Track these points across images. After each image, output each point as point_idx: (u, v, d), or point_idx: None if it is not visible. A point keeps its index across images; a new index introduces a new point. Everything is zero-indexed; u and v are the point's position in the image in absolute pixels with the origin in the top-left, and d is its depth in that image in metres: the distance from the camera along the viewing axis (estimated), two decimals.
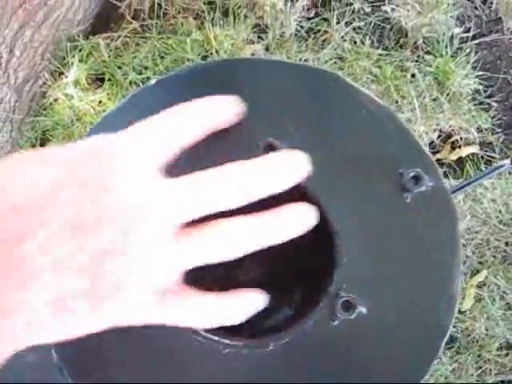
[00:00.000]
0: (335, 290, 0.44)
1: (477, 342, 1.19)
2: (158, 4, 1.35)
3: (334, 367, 0.43)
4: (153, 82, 0.52)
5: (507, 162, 0.70)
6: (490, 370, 1.19)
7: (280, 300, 0.72)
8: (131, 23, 1.36)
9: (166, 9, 1.35)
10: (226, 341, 0.44)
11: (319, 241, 0.49)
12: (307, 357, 0.43)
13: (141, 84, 1.27)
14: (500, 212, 1.24)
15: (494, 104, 1.33)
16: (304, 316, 0.44)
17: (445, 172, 1.30)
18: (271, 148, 0.47)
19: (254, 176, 0.34)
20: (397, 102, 1.27)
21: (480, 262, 1.22)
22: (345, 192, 0.47)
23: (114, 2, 1.38)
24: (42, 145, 1.30)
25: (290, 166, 0.36)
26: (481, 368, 1.18)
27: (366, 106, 0.49)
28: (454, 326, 1.20)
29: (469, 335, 1.19)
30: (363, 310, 0.43)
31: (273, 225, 0.35)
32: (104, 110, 1.27)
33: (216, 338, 0.44)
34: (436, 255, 0.46)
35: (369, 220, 0.46)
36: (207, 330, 0.44)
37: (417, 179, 0.46)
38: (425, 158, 0.47)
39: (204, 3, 1.35)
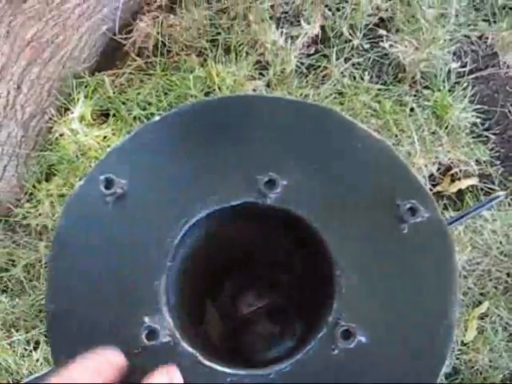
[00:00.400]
0: (335, 320, 0.45)
1: (480, 373, 1.18)
2: (162, 42, 1.39)
3: None
4: (157, 118, 0.54)
5: (502, 193, 0.72)
6: None
7: (282, 332, 0.73)
8: (135, 60, 1.39)
9: (169, 46, 1.39)
10: (228, 370, 0.45)
11: (320, 272, 0.51)
12: (310, 381, 0.43)
13: (145, 120, 1.29)
14: (501, 243, 1.25)
15: (492, 136, 1.35)
16: (305, 345, 0.45)
17: (445, 204, 1.31)
18: (271, 182, 0.49)
19: None
20: (396, 136, 1.29)
21: (481, 294, 1.23)
22: (344, 224, 0.48)
23: (119, 40, 1.42)
24: (47, 179, 1.32)
25: None
26: None
27: (363, 140, 0.51)
28: (457, 358, 1.19)
29: (472, 367, 1.19)
30: (363, 339, 0.44)
31: None
32: (109, 145, 1.29)
33: (219, 368, 0.45)
34: (433, 285, 0.47)
35: (367, 251, 0.48)
36: (210, 359, 0.45)
37: (413, 210, 0.47)
38: (421, 190, 0.49)
39: (206, 41, 1.38)
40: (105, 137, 1.30)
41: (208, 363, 0.45)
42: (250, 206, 0.50)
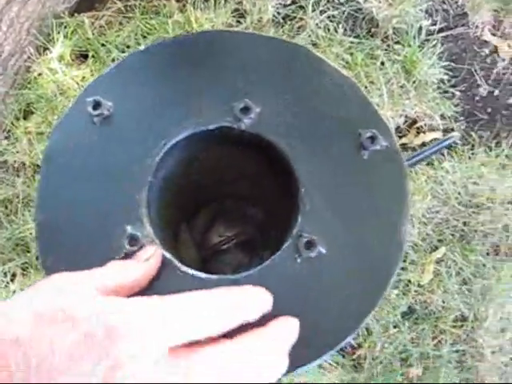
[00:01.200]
0: (299, 233, 0.50)
1: (434, 313, 1.27)
2: None
3: (297, 301, 0.49)
4: (142, 48, 0.58)
5: (457, 134, 0.77)
6: (446, 340, 1.27)
7: (249, 262, 0.79)
8: (115, 3, 1.40)
9: None
10: (202, 275, 0.50)
11: (286, 193, 0.56)
12: (274, 286, 0.48)
13: None
14: (459, 194, 1.32)
15: (458, 93, 1.41)
16: (272, 254, 0.51)
17: (409, 156, 1.37)
18: (246, 108, 0.54)
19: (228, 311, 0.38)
20: (366, 88, 1.34)
21: (439, 240, 1.30)
22: (310, 149, 0.54)
23: None
24: (25, 117, 1.34)
25: (259, 301, 0.42)
26: (437, 338, 1.27)
27: (331, 75, 0.56)
28: (413, 298, 1.28)
29: (426, 307, 1.28)
30: (322, 249, 0.50)
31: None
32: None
33: (193, 273, 0.50)
34: (387, 206, 0.52)
35: (330, 173, 0.53)
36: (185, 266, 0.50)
37: (373, 139, 0.53)
38: (380, 122, 0.55)
39: None
40: (83, 77, 1.32)
41: (184, 268, 0.50)
42: (226, 130, 0.55)
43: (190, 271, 0.50)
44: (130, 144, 0.54)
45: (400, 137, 1.38)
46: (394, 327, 1.25)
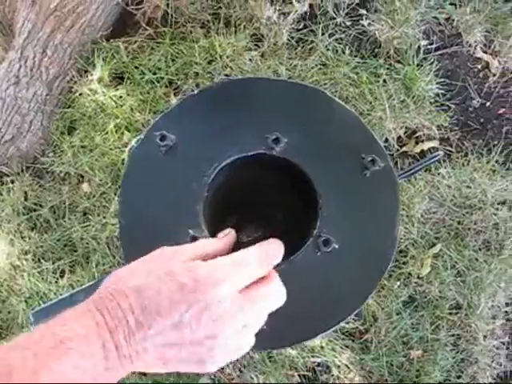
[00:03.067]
0: (318, 233, 0.68)
1: (432, 302, 1.44)
2: (170, 14, 1.57)
3: (318, 283, 0.66)
4: (195, 92, 0.76)
5: (441, 152, 0.94)
6: (443, 325, 1.44)
7: None
8: (146, 29, 1.58)
9: (176, 18, 1.57)
10: None
11: (306, 202, 0.73)
12: (300, 273, 0.65)
13: (156, 82, 1.49)
14: (454, 196, 1.49)
15: (453, 106, 1.57)
16: (297, 250, 0.68)
17: (409, 162, 1.54)
18: (277, 139, 0.71)
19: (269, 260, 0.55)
20: (370, 103, 1.51)
21: (436, 238, 1.47)
22: (325, 169, 0.71)
23: (131, 10, 1.60)
24: (69, 133, 1.52)
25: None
26: (434, 324, 1.44)
27: (339, 111, 0.74)
28: (413, 289, 1.44)
29: (425, 297, 1.44)
30: (336, 245, 0.67)
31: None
32: (123, 105, 1.49)
33: None
34: (384, 211, 0.70)
35: (341, 187, 0.71)
36: None
37: (373, 161, 0.70)
38: (379, 148, 0.72)
39: (209, 14, 1.57)
40: (120, 96, 1.49)
41: None
42: (261, 156, 0.72)
43: None
44: (189, 167, 0.71)
45: (401, 146, 1.55)
46: (397, 314, 1.42)
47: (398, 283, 1.44)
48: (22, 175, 1.48)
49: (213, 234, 0.76)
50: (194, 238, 0.67)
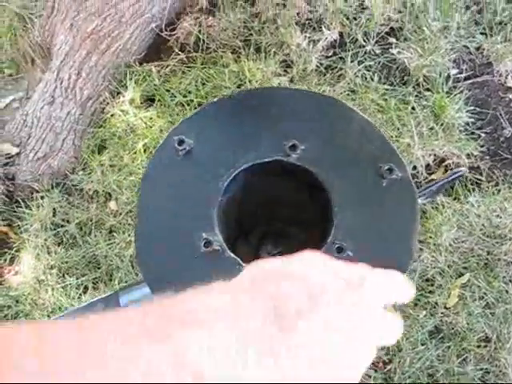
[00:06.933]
0: (332, 240, 0.67)
1: (459, 334, 1.39)
2: (202, 40, 1.61)
3: None
4: (215, 100, 0.77)
5: (464, 169, 0.92)
6: (470, 358, 1.39)
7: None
8: (178, 54, 1.62)
9: (208, 44, 1.61)
10: None
11: (321, 209, 0.73)
12: None
13: (186, 105, 1.52)
14: (483, 225, 1.46)
15: (483, 135, 1.55)
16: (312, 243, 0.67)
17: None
18: (294, 146, 0.71)
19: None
20: (398, 130, 1.50)
21: (464, 267, 1.43)
22: (342, 177, 0.71)
23: (165, 36, 1.65)
24: (99, 152, 1.55)
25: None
26: (461, 356, 1.39)
27: (359, 121, 0.74)
28: (440, 320, 1.40)
29: (452, 328, 1.40)
30: (350, 253, 0.66)
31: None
32: (153, 126, 1.52)
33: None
34: (401, 221, 0.68)
35: (357, 196, 0.70)
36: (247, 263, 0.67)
37: (390, 170, 0.70)
38: (397, 157, 0.71)
39: (240, 41, 1.60)
40: (150, 118, 1.52)
41: (244, 265, 0.67)
42: (278, 163, 0.72)
43: None
44: (205, 171, 0.72)
45: (429, 173, 1.53)
46: (422, 345, 1.37)
47: (424, 312, 1.40)
48: (52, 192, 1.52)
49: (226, 241, 0.76)
50: (208, 242, 0.67)
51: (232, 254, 0.67)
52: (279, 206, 0.88)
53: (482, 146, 1.55)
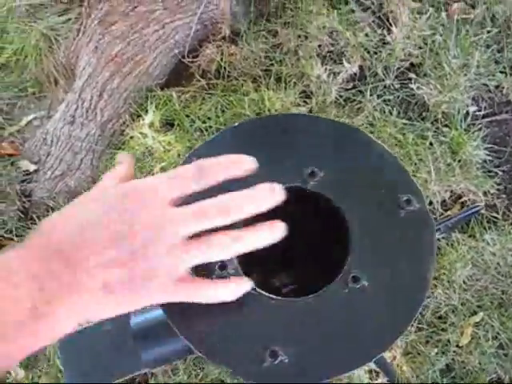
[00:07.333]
0: (348, 269, 0.66)
1: (471, 373, 1.37)
2: (223, 67, 1.63)
3: (343, 321, 0.64)
4: (236, 124, 0.78)
5: (481, 204, 0.92)
6: None
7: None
8: (200, 81, 1.64)
9: (229, 72, 1.63)
10: (273, 296, 0.66)
11: (339, 236, 0.72)
12: (326, 308, 0.64)
13: (204, 131, 1.53)
14: (499, 264, 1.44)
15: (500, 173, 1.55)
16: (326, 285, 0.67)
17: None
18: (313, 173, 0.71)
19: (238, 203, 0.51)
20: (415, 164, 1.50)
21: (478, 306, 1.41)
22: (359, 206, 0.70)
23: (187, 62, 1.67)
24: None
25: (266, 195, 0.54)
26: None
27: (377, 151, 0.74)
28: (452, 359, 1.38)
29: (464, 367, 1.37)
30: (365, 283, 0.66)
31: (248, 236, 0.51)
32: (171, 150, 1.53)
33: (266, 294, 0.66)
34: (418, 253, 0.68)
35: (374, 225, 0.69)
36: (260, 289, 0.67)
37: (408, 201, 0.69)
38: (416, 189, 0.71)
39: (261, 70, 1.62)
40: (169, 142, 1.54)
41: (258, 290, 0.66)
42: (295, 189, 0.72)
43: (263, 292, 0.66)
44: (221, 193, 0.72)
45: (446, 210, 1.52)
46: (433, 383, 1.35)
47: (436, 350, 1.38)
48: None
49: (242, 265, 0.76)
50: (223, 265, 0.67)
51: (247, 278, 0.66)
52: (295, 235, 0.88)
53: (498, 184, 1.54)
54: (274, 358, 0.60)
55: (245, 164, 0.55)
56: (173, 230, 0.44)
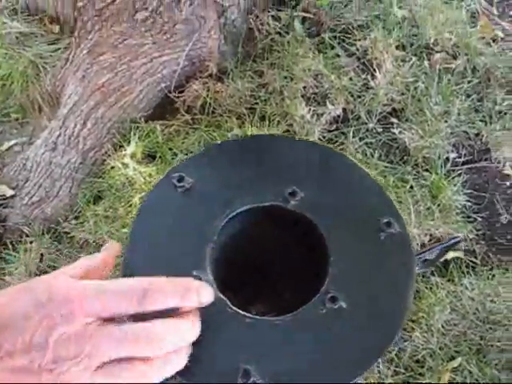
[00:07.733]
0: (326, 290, 0.65)
1: None
2: (209, 103, 1.65)
3: (319, 337, 0.63)
4: (218, 142, 0.77)
5: (460, 235, 0.92)
6: None
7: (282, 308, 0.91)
8: (184, 115, 1.65)
9: (214, 108, 1.65)
10: (248, 314, 0.64)
11: (318, 258, 0.71)
12: (303, 328, 0.62)
13: None
14: (477, 309, 1.43)
15: (479, 219, 1.56)
16: (303, 304, 0.65)
17: (432, 271, 1.50)
18: (293, 193, 0.71)
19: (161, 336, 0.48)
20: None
21: (456, 351, 1.39)
22: (339, 227, 0.70)
23: (173, 97, 1.68)
24: (95, 202, 1.55)
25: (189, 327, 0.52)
26: None
27: (359, 174, 0.74)
28: None
29: None
30: (343, 304, 0.64)
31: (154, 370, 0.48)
32: (151, 181, 1.52)
33: (241, 312, 0.64)
34: (397, 277, 0.67)
35: (354, 248, 0.69)
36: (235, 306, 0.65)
37: (388, 224, 0.69)
38: (395, 212, 0.70)
39: (246, 108, 1.64)
40: (150, 174, 1.53)
41: (234, 308, 0.65)
42: (275, 208, 0.71)
43: (238, 310, 0.64)
44: (203, 210, 0.71)
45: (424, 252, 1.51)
46: None
47: None
48: (42, 237, 1.49)
49: (218, 283, 0.74)
50: (197, 279, 0.65)
51: (221, 295, 0.65)
52: (271, 253, 0.86)
53: (478, 230, 1.55)
54: (246, 379, 0.58)
55: (200, 297, 0.53)
56: (90, 351, 0.43)
